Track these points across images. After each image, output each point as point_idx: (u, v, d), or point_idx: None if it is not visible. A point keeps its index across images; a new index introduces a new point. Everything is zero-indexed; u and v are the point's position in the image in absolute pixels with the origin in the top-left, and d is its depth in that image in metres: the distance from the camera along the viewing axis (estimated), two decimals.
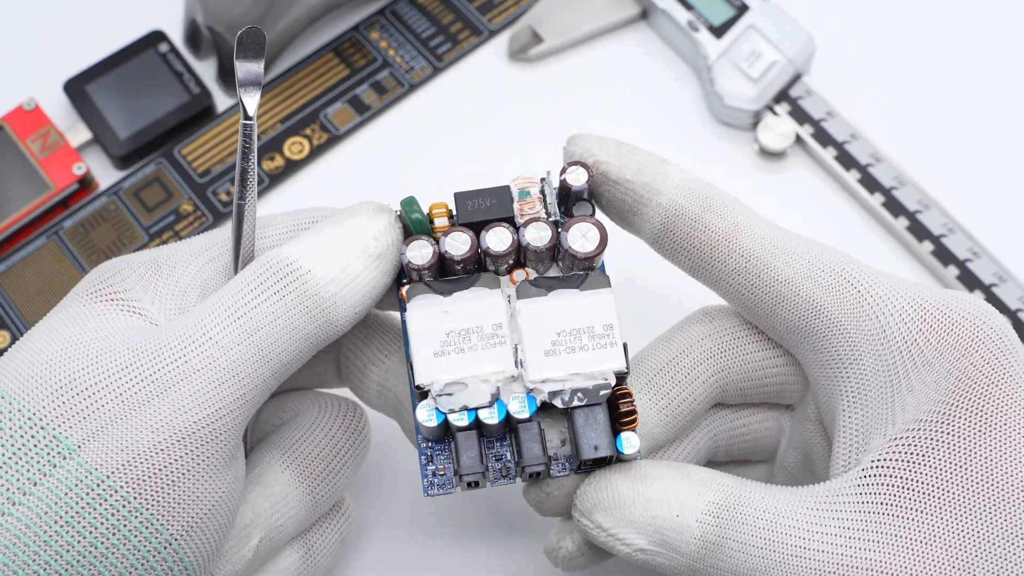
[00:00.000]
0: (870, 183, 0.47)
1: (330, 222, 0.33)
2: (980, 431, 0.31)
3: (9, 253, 0.46)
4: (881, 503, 0.31)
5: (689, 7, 0.49)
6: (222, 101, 0.49)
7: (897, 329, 0.32)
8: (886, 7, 0.52)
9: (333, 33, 0.51)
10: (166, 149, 0.48)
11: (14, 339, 0.45)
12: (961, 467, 0.30)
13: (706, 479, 0.32)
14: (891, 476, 0.31)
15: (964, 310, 0.32)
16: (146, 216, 0.47)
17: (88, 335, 0.31)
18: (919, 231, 0.46)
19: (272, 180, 0.48)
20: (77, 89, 0.48)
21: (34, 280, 0.46)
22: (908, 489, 0.31)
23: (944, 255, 0.45)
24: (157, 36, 0.49)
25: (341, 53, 0.50)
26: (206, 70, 0.50)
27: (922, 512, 0.30)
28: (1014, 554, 0.30)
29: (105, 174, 0.48)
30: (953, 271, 0.45)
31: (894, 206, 0.46)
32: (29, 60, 0.50)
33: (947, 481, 0.30)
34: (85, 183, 0.47)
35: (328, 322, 0.32)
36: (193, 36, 0.50)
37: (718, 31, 0.49)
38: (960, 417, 0.31)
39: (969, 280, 0.45)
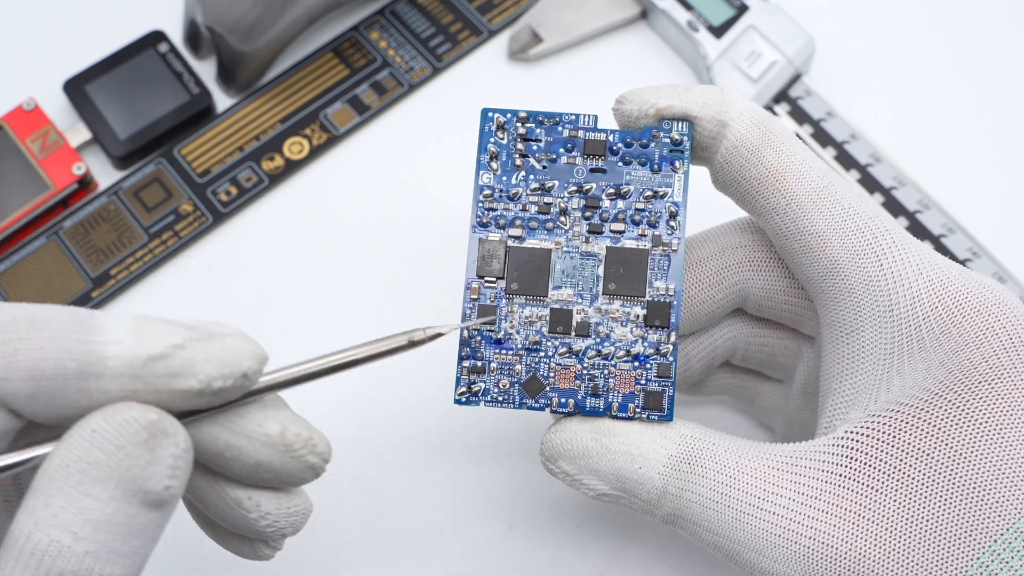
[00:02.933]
0: (870, 183, 0.47)
1: (92, 476, 0.25)
2: (956, 424, 0.31)
3: (9, 253, 0.46)
4: (841, 474, 0.31)
5: (689, 7, 0.49)
6: (222, 101, 0.49)
7: (905, 311, 0.32)
8: (886, 7, 0.52)
9: (333, 33, 0.51)
10: (166, 149, 0.48)
11: None
12: (928, 456, 0.31)
13: (669, 430, 0.33)
14: (857, 450, 0.31)
15: (982, 302, 0.32)
16: (146, 216, 0.47)
17: None
18: (919, 231, 0.46)
19: (272, 180, 0.48)
20: (77, 89, 0.48)
21: (34, 280, 0.46)
22: (870, 466, 0.31)
23: (944, 255, 0.45)
24: (157, 36, 0.49)
25: (341, 53, 0.50)
26: (206, 70, 0.50)
27: (878, 491, 0.31)
28: (952, 551, 0.30)
29: (105, 174, 0.48)
30: None
31: (894, 206, 0.46)
32: (29, 60, 0.50)
33: (910, 466, 0.31)
34: (85, 183, 0.47)
35: None
36: (193, 36, 0.50)
37: (718, 31, 0.49)
38: (940, 407, 0.31)
39: None
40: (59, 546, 0.25)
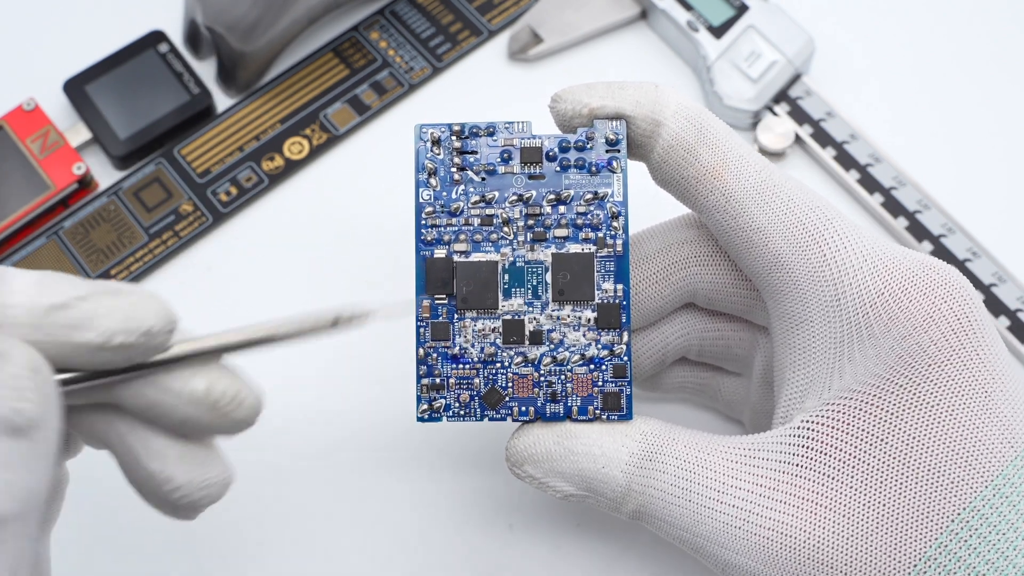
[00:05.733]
0: (870, 183, 0.47)
1: None
2: (909, 409, 0.31)
3: (9, 253, 0.46)
4: (798, 464, 0.31)
5: (689, 7, 0.49)
6: (222, 101, 0.50)
7: (851, 299, 0.32)
8: (886, 7, 0.52)
9: (333, 33, 0.51)
10: (166, 149, 0.48)
11: None
12: (882, 441, 0.31)
13: (630, 428, 0.33)
14: (813, 439, 0.32)
15: (928, 285, 0.32)
16: (146, 216, 0.47)
17: None
18: (918, 231, 0.46)
19: (272, 180, 0.48)
20: (77, 89, 0.48)
21: None
22: (826, 454, 0.31)
23: (943, 255, 0.45)
24: (157, 36, 0.49)
25: (341, 53, 0.50)
26: (206, 70, 0.50)
27: (834, 478, 0.31)
28: (910, 534, 0.30)
29: (105, 174, 0.48)
30: None
31: (894, 206, 0.46)
32: (29, 60, 0.50)
33: (866, 452, 0.31)
34: (85, 183, 0.47)
35: (42, 527, 0.27)
36: (193, 36, 0.50)
37: (718, 31, 0.49)
38: (892, 392, 0.31)
39: (968, 280, 0.45)
40: None
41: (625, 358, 0.33)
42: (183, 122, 0.48)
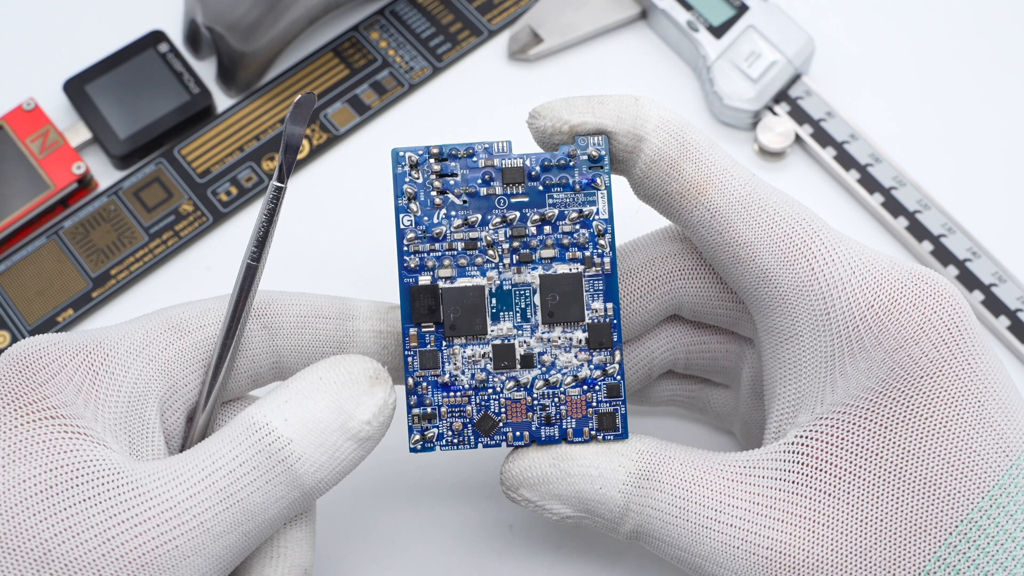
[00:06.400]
0: (869, 183, 0.47)
1: (318, 387, 0.31)
2: (903, 422, 0.31)
3: (9, 253, 0.46)
4: (793, 480, 0.31)
5: (689, 7, 0.49)
6: (222, 101, 0.50)
7: (841, 313, 0.32)
8: (886, 7, 0.52)
9: (333, 33, 0.51)
10: (166, 149, 0.48)
11: (14, 339, 0.45)
12: (877, 455, 0.31)
13: (626, 448, 0.33)
14: (807, 455, 0.31)
15: (918, 295, 0.32)
16: (146, 216, 0.47)
17: (52, 479, 0.29)
18: (918, 231, 0.46)
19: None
20: (77, 89, 0.48)
21: (34, 280, 0.46)
22: (821, 470, 0.31)
23: (943, 255, 0.45)
24: (157, 36, 0.50)
25: (341, 53, 0.50)
26: (206, 70, 0.50)
27: (830, 495, 0.31)
28: (909, 549, 0.30)
29: (105, 174, 0.48)
30: (952, 271, 0.45)
31: (894, 206, 0.46)
32: (29, 60, 0.50)
33: (861, 467, 0.31)
34: (85, 183, 0.47)
35: (308, 504, 0.31)
36: (193, 36, 0.50)
37: (718, 31, 0.49)
38: (885, 406, 0.31)
39: (968, 280, 0.45)
40: (268, 425, 0.30)
41: (618, 377, 0.33)
42: (183, 122, 0.48)
